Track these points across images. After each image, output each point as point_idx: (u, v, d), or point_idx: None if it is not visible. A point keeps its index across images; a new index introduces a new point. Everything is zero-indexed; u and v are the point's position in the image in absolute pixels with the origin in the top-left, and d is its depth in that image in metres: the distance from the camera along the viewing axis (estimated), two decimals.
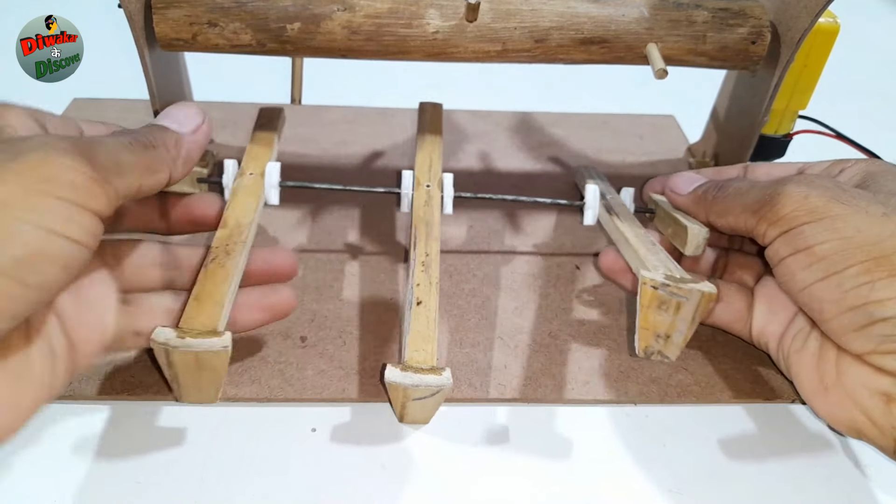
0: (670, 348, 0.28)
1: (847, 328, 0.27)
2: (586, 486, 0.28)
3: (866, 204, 0.26)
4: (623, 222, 0.34)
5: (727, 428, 0.31)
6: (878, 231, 0.25)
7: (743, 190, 0.31)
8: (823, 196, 0.27)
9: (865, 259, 0.25)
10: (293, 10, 0.35)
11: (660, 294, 0.26)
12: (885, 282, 0.25)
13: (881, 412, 0.26)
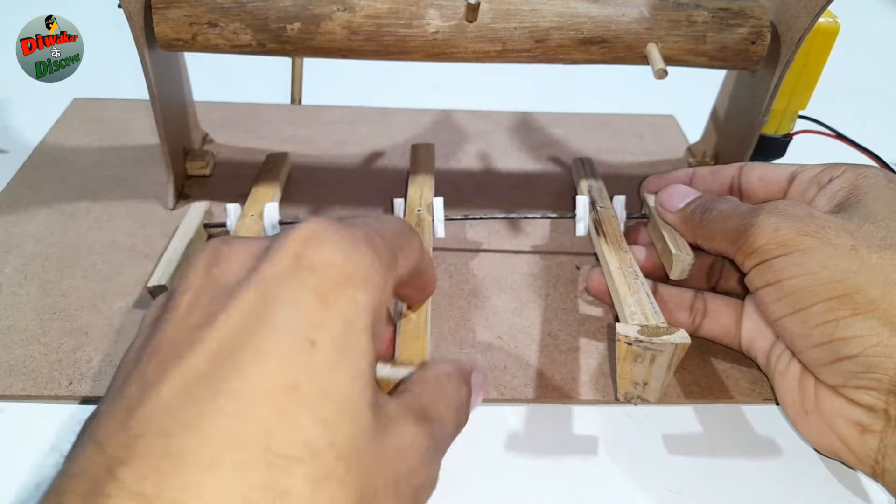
0: (649, 393, 0.29)
1: (817, 362, 0.27)
2: (586, 486, 0.28)
3: (835, 235, 0.26)
4: (609, 247, 0.35)
5: (726, 428, 0.31)
6: (843, 267, 0.26)
7: (725, 214, 0.31)
8: (793, 228, 0.27)
9: (830, 297, 0.26)
10: (293, 10, 0.35)
11: (634, 349, 0.27)
12: (849, 320, 0.25)
13: (857, 441, 0.26)
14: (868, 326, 0.25)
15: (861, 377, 0.26)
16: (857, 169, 0.31)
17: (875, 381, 0.25)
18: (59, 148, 0.46)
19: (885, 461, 0.26)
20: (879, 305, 0.25)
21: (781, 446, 0.30)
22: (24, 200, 0.41)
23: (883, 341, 0.25)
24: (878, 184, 0.29)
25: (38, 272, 0.36)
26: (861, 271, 0.25)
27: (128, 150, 0.46)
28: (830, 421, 0.27)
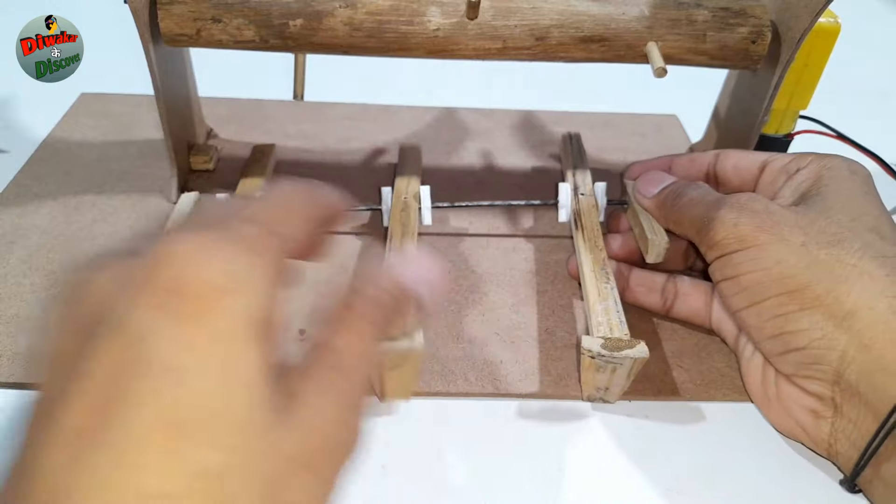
0: (610, 396, 0.31)
1: (771, 352, 0.29)
2: (583, 484, 0.28)
3: (789, 231, 0.28)
4: (585, 244, 0.36)
5: (724, 426, 0.31)
6: (794, 263, 0.27)
7: (694, 202, 0.32)
8: (751, 224, 0.29)
9: (781, 292, 0.27)
10: (296, 6, 0.35)
11: (597, 361, 0.29)
12: (797, 314, 0.27)
13: (811, 426, 0.28)
14: (813, 321, 0.27)
15: (809, 367, 0.27)
16: (822, 160, 0.32)
17: (821, 372, 0.27)
18: (65, 142, 0.47)
19: (836, 444, 0.28)
20: (825, 301, 0.26)
21: (780, 445, 0.30)
22: (30, 193, 0.42)
23: (827, 335, 0.26)
24: (840, 175, 0.30)
25: (42, 263, 0.36)
26: (810, 267, 0.27)
27: (133, 145, 0.47)
28: (788, 407, 0.29)
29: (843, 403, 0.27)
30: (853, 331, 0.26)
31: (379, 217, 0.39)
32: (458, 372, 0.32)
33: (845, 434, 0.27)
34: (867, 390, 0.26)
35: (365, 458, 0.29)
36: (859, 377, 0.26)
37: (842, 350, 0.26)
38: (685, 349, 0.34)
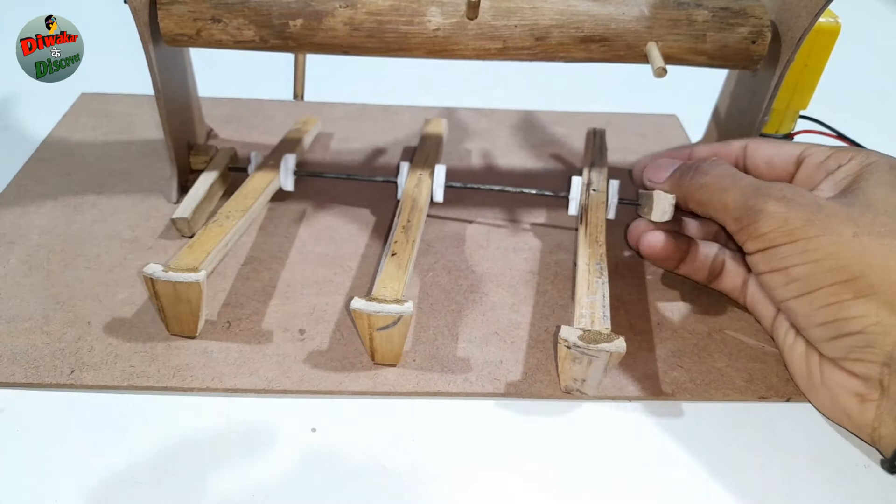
0: (587, 388, 0.31)
1: (821, 338, 0.29)
2: (582, 484, 0.28)
3: (839, 223, 0.28)
4: (586, 238, 0.35)
5: (724, 426, 0.31)
6: (847, 253, 0.27)
7: (724, 185, 0.32)
8: (801, 218, 0.29)
9: (834, 282, 0.28)
10: (296, 6, 0.35)
11: (573, 352, 0.29)
12: (851, 302, 0.27)
13: (857, 410, 0.29)
14: (868, 308, 0.27)
15: (860, 351, 0.28)
16: (862, 156, 0.32)
17: (872, 355, 0.27)
18: (65, 142, 0.47)
19: (881, 428, 0.28)
20: (879, 289, 0.27)
21: (779, 444, 0.30)
22: (30, 193, 0.42)
23: (882, 321, 0.27)
24: (881, 171, 0.30)
25: (42, 263, 0.36)
26: (863, 257, 0.27)
27: (133, 145, 0.47)
28: (833, 393, 0.30)
29: (892, 384, 0.27)
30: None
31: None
32: (458, 372, 0.32)
33: (892, 415, 0.27)
34: None
35: (365, 458, 0.29)
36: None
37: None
38: (685, 349, 0.34)
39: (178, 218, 0.38)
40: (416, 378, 0.31)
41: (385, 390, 0.31)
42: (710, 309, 0.37)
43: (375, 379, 0.31)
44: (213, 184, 0.40)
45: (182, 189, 0.42)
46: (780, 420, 0.31)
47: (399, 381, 0.31)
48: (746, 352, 0.34)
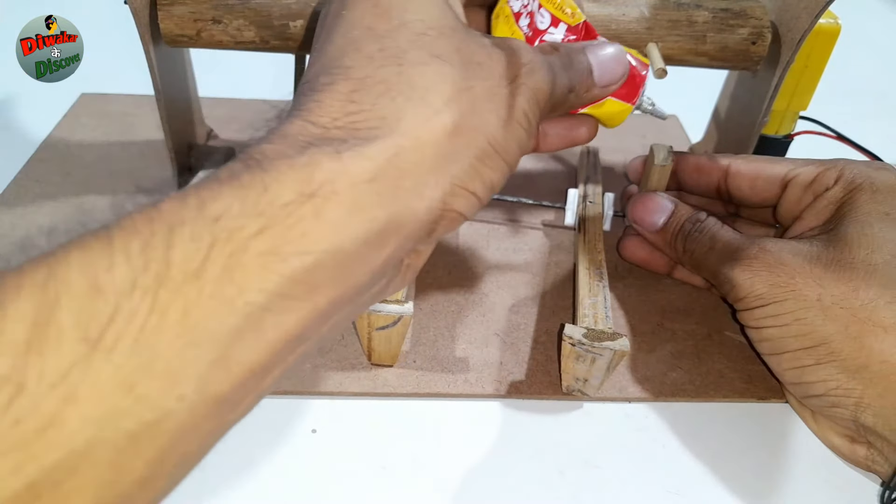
0: (589, 388, 0.31)
1: (795, 394, 0.31)
2: (583, 485, 0.28)
3: (804, 284, 0.29)
4: (585, 246, 0.36)
5: (724, 427, 0.31)
6: (811, 319, 0.28)
7: (704, 253, 0.33)
8: (766, 282, 0.29)
9: (798, 347, 0.29)
10: (296, 7, 0.35)
11: (577, 350, 0.29)
12: (812, 368, 0.28)
13: (848, 449, 0.30)
14: (828, 374, 0.28)
15: (829, 410, 0.29)
16: (847, 178, 0.31)
17: (841, 415, 0.28)
18: (65, 142, 0.47)
19: (874, 465, 0.29)
20: (839, 356, 0.28)
21: (777, 445, 0.30)
22: (30, 193, 0.42)
23: (842, 385, 0.28)
24: (863, 198, 0.30)
25: None
26: (825, 324, 0.28)
27: (133, 145, 0.47)
28: (824, 430, 0.30)
29: (869, 437, 0.28)
30: (866, 381, 0.27)
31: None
32: (458, 372, 0.32)
33: (883, 456, 0.28)
34: (889, 433, 0.27)
35: (365, 458, 0.29)
36: (876, 421, 0.27)
37: (857, 398, 0.27)
38: (685, 350, 0.34)
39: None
40: (416, 379, 0.32)
41: (385, 391, 0.31)
42: (709, 311, 0.37)
43: (375, 380, 0.31)
44: None
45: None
46: (780, 421, 0.32)
47: (399, 382, 0.31)
48: (746, 353, 0.34)
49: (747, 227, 0.38)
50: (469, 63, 0.20)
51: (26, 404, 0.13)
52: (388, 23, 0.20)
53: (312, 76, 0.20)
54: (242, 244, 0.16)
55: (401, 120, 0.19)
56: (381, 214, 0.18)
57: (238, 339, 0.16)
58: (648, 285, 0.38)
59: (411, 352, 0.33)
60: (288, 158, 0.17)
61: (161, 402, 0.15)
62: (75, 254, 0.15)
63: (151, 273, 0.15)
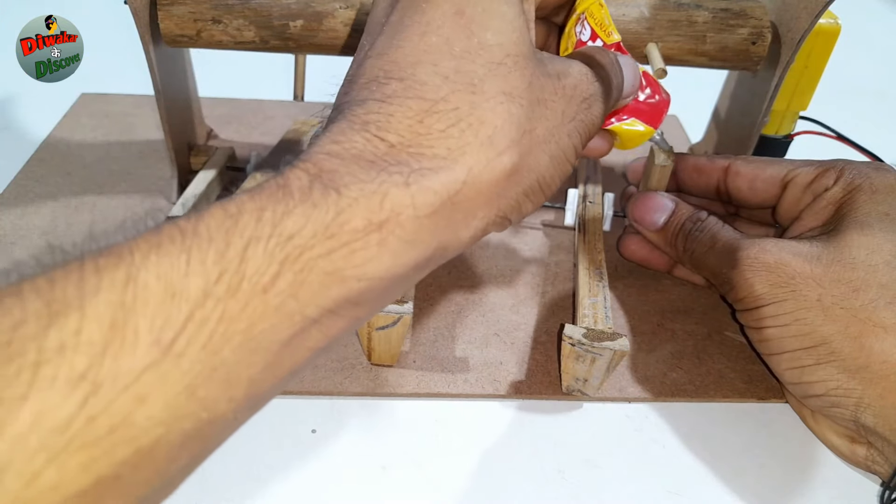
0: (588, 388, 0.31)
1: (795, 394, 0.31)
2: (583, 485, 0.28)
3: (804, 285, 0.29)
4: (585, 246, 0.36)
5: (724, 427, 0.31)
6: (811, 319, 0.28)
7: (703, 252, 0.33)
8: (766, 282, 0.30)
9: (798, 347, 0.29)
10: (296, 7, 0.35)
11: (577, 350, 0.29)
12: (813, 368, 0.28)
13: (848, 449, 0.30)
14: (828, 374, 0.28)
15: (829, 410, 0.29)
16: (847, 177, 0.31)
17: (841, 415, 0.28)
18: (65, 142, 0.47)
19: (874, 465, 0.29)
20: (839, 356, 0.28)
21: (777, 445, 0.30)
22: (30, 193, 0.42)
23: (842, 385, 0.28)
24: (863, 198, 0.30)
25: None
26: (825, 324, 0.28)
27: (133, 145, 0.47)
28: (824, 431, 0.30)
29: (869, 437, 0.28)
30: (866, 381, 0.27)
31: None
32: (458, 372, 0.32)
33: (883, 456, 0.28)
34: (889, 433, 0.27)
35: (365, 458, 0.29)
36: (876, 421, 0.27)
37: (857, 398, 0.28)
38: (685, 351, 0.34)
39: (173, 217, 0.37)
40: (416, 379, 0.32)
41: (385, 391, 0.31)
42: (709, 311, 0.37)
43: (375, 380, 0.31)
44: (210, 183, 0.40)
45: (182, 189, 0.42)
46: (780, 421, 0.32)
47: (399, 382, 0.31)
48: (746, 353, 0.34)
49: (747, 228, 0.37)
50: (537, 102, 0.21)
51: (100, 403, 0.14)
52: (467, 40, 0.20)
53: (380, 71, 0.20)
54: (311, 263, 0.17)
55: (465, 154, 0.19)
56: (433, 243, 0.19)
57: (287, 347, 0.17)
58: (648, 285, 0.38)
59: (411, 352, 0.33)
60: (360, 183, 0.18)
61: (216, 404, 0.16)
62: (153, 258, 0.15)
63: (224, 283, 0.16)
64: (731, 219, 0.38)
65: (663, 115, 0.28)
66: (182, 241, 0.16)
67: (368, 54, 0.21)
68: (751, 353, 0.34)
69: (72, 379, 0.14)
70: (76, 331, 0.14)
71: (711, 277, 0.33)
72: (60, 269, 0.15)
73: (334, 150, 0.19)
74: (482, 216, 0.20)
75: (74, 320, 0.14)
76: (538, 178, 0.22)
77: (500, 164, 0.20)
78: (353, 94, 0.20)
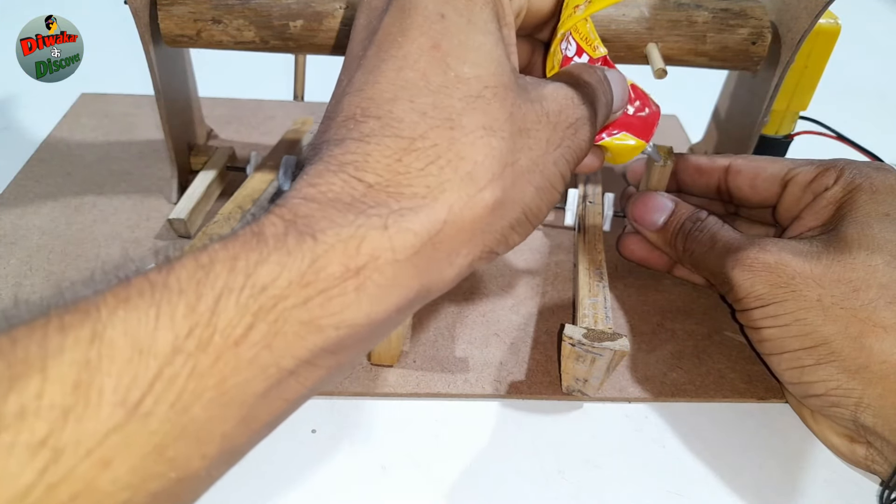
0: (589, 389, 0.31)
1: (794, 394, 0.31)
2: (583, 485, 0.28)
3: (804, 285, 0.29)
4: (585, 246, 0.36)
5: (724, 427, 0.31)
6: (811, 320, 0.28)
7: (703, 252, 0.33)
8: (766, 282, 0.29)
9: (798, 348, 0.29)
10: (296, 7, 0.35)
11: (577, 350, 0.29)
12: (813, 368, 0.28)
13: (848, 449, 0.30)
14: (828, 374, 0.28)
15: (829, 410, 0.29)
16: (847, 178, 0.31)
17: (841, 415, 0.28)
18: (65, 142, 0.47)
19: (873, 465, 0.29)
20: (839, 356, 0.28)
21: (778, 445, 0.30)
22: (30, 193, 0.42)
23: (842, 385, 0.28)
24: (863, 198, 0.30)
25: (42, 264, 0.36)
26: (825, 325, 0.28)
27: (133, 145, 0.47)
28: (823, 431, 0.30)
29: (869, 437, 0.28)
30: (866, 381, 0.27)
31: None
32: (458, 372, 0.32)
33: (882, 456, 0.28)
34: (889, 433, 0.27)
35: (365, 458, 0.29)
36: (875, 421, 0.27)
37: (857, 398, 0.27)
38: (685, 351, 0.34)
39: (174, 219, 0.38)
40: (416, 379, 0.32)
41: (385, 391, 0.31)
42: (709, 311, 0.37)
43: (375, 380, 0.31)
44: (210, 183, 0.40)
45: (182, 189, 0.42)
46: (780, 421, 0.32)
47: (399, 383, 0.31)
48: (746, 353, 0.34)
49: (747, 227, 0.37)
50: (519, 133, 0.20)
51: (61, 470, 0.13)
52: (444, 74, 0.20)
53: (357, 109, 0.20)
54: (285, 314, 0.16)
55: (445, 192, 0.19)
56: (414, 285, 0.19)
57: (263, 400, 0.17)
58: (648, 285, 0.38)
59: (411, 352, 0.33)
60: (336, 228, 0.17)
61: (187, 463, 0.15)
62: (121, 313, 0.15)
63: (195, 338, 0.15)
64: (730, 219, 0.38)
65: (654, 127, 0.28)
66: (151, 294, 0.15)
67: (346, 90, 0.20)
68: (751, 353, 0.34)
69: (31, 445, 0.13)
70: (37, 394, 0.13)
71: (711, 277, 0.33)
72: (24, 327, 0.14)
73: (310, 193, 0.18)
74: (466, 253, 0.20)
75: (36, 383, 0.13)
76: (524, 209, 0.21)
77: (481, 200, 0.19)
78: (331, 133, 0.20)
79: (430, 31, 0.20)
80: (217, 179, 0.41)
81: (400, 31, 0.20)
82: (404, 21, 0.20)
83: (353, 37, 0.23)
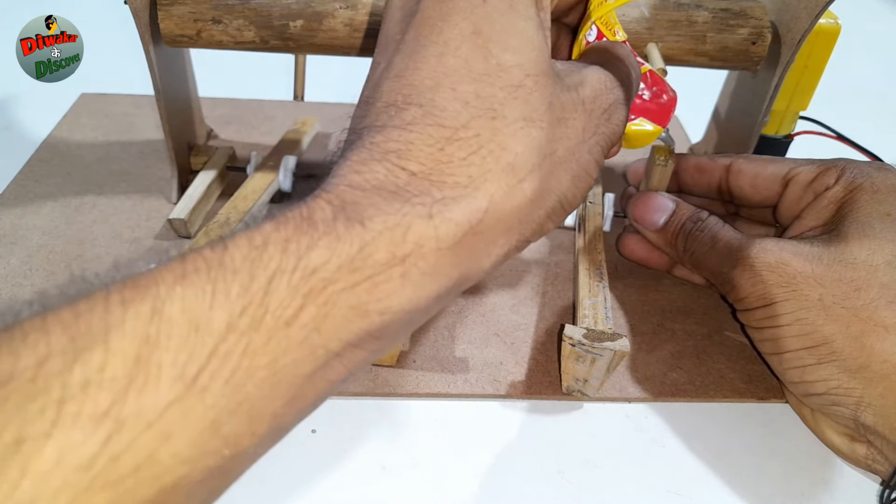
0: (589, 389, 0.31)
1: (795, 393, 0.31)
2: (583, 485, 0.28)
3: (805, 284, 0.29)
4: (585, 246, 0.36)
5: (724, 427, 0.31)
6: (812, 319, 0.28)
7: (704, 252, 0.33)
8: (768, 282, 0.30)
9: (799, 347, 0.29)
10: (296, 7, 0.35)
11: (577, 350, 0.29)
12: (814, 367, 0.29)
13: (848, 448, 0.30)
14: (829, 373, 0.28)
15: (829, 409, 0.29)
16: (848, 178, 0.31)
17: (841, 414, 0.28)
18: (65, 142, 0.47)
19: (874, 464, 0.29)
20: (840, 356, 0.28)
21: (777, 445, 0.30)
22: (30, 193, 0.42)
23: (842, 385, 0.28)
24: (864, 198, 0.30)
25: (42, 264, 0.36)
26: (827, 324, 0.28)
27: (133, 145, 0.47)
28: (824, 430, 0.30)
29: (870, 436, 0.28)
30: (867, 381, 0.27)
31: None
32: (458, 372, 0.32)
33: (883, 456, 0.28)
34: (889, 433, 0.27)
35: (365, 458, 0.29)
36: (876, 420, 0.27)
37: (858, 397, 0.28)
38: (685, 351, 0.34)
39: (174, 219, 0.38)
40: (416, 379, 0.32)
41: (385, 391, 0.31)
42: (709, 311, 0.37)
43: (375, 380, 0.31)
44: (210, 184, 0.40)
45: (182, 189, 0.42)
46: (780, 421, 0.32)
47: (399, 383, 0.31)
48: (746, 353, 0.34)
49: (747, 227, 0.37)
50: (557, 122, 0.21)
51: (124, 442, 0.14)
52: (485, 61, 0.20)
53: (398, 95, 0.20)
54: (334, 297, 0.17)
55: (487, 182, 0.19)
56: (454, 274, 0.19)
57: (309, 380, 0.17)
58: (648, 285, 0.38)
59: (411, 352, 0.33)
60: (383, 215, 0.18)
61: (239, 440, 0.16)
62: (178, 290, 0.15)
63: (248, 317, 0.15)
64: (731, 219, 0.38)
65: (671, 113, 0.28)
66: (207, 272, 0.16)
67: (385, 75, 0.20)
68: (751, 353, 0.34)
69: (95, 416, 0.13)
70: (100, 367, 0.14)
71: (712, 277, 0.33)
72: (85, 301, 0.15)
73: (356, 180, 0.18)
74: (503, 243, 0.20)
75: (99, 356, 0.14)
76: (560, 198, 0.22)
77: (521, 190, 0.19)
78: (371, 119, 0.20)
79: (472, 16, 0.20)
80: (217, 179, 0.41)
81: (440, 16, 0.20)
82: (445, 4, 0.20)
83: (387, 16, 0.22)
